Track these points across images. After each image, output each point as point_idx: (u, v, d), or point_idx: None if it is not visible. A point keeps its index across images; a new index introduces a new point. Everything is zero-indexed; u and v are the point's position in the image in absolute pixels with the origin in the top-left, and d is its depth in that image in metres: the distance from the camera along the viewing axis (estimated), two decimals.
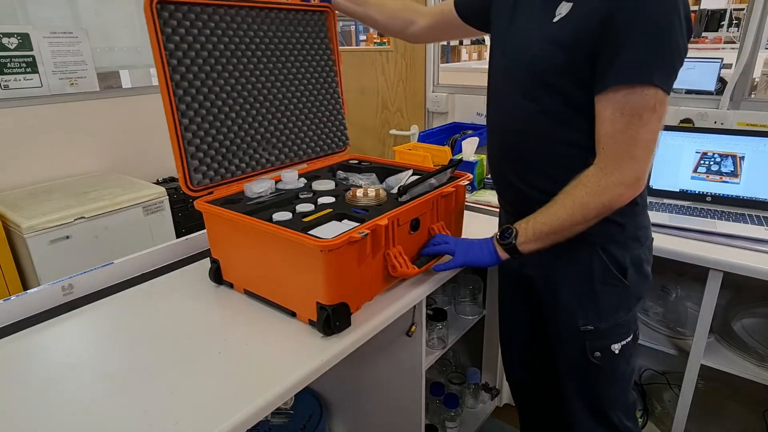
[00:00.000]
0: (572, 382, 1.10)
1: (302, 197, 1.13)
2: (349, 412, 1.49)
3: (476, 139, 1.82)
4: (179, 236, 1.75)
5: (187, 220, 2.20)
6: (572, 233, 0.94)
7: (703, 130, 1.60)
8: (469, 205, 1.59)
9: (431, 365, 1.36)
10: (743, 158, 1.51)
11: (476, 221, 1.47)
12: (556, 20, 0.90)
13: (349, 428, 1.51)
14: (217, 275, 1.11)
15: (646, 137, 0.86)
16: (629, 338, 1.04)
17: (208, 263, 1.13)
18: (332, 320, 0.90)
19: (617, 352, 1.03)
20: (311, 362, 0.85)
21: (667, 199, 1.60)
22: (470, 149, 1.81)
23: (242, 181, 1.15)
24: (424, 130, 2.50)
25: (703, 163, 1.57)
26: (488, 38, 1.14)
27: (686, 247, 1.31)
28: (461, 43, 6.65)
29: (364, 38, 6.34)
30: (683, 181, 1.59)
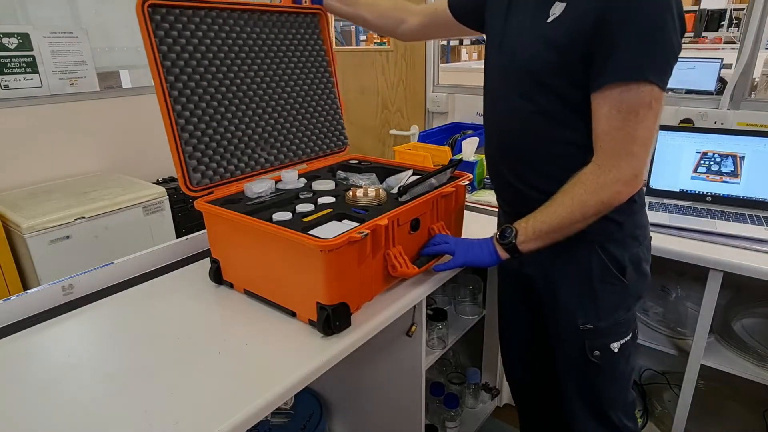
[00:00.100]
0: (572, 381, 1.10)
1: (302, 197, 1.13)
2: (349, 412, 1.49)
3: (476, 139, 1.82)
4: (179, 236, 1.75)
5: (187, 220, 2.20)
6: (572, 231, 0.94)
7: (703, 130, 1.60)
8: (469, 205, 1.59)
9: (431, 365, 1.36)
10: (743, 158, 1.51)
11: (476, 221, 1.47)
12: (549, 21, 0.90)
13: (349, 428, 1.51)
14: (217, 275, 1.11)
15: (642, 134, 0.86)
16: (628, 337, 1.05)
17: (208, 263, 1.13)
18: (332, 320, 0.90)
19: (616, 351, 1.03)
20: (311, 362, 0.85)
21: (667, 199, 1.60)
22: (470, 149, 1.81)
23: (242, 181, 1.16)
24: (424, 130, 2.50)
25: (703, 163, 1.57)
26: None
27: (686, 247, 1.31)
28: (461, 43, 6.64)
29: (364, 38, 6.32)
30: (683, 181, 1.59)
